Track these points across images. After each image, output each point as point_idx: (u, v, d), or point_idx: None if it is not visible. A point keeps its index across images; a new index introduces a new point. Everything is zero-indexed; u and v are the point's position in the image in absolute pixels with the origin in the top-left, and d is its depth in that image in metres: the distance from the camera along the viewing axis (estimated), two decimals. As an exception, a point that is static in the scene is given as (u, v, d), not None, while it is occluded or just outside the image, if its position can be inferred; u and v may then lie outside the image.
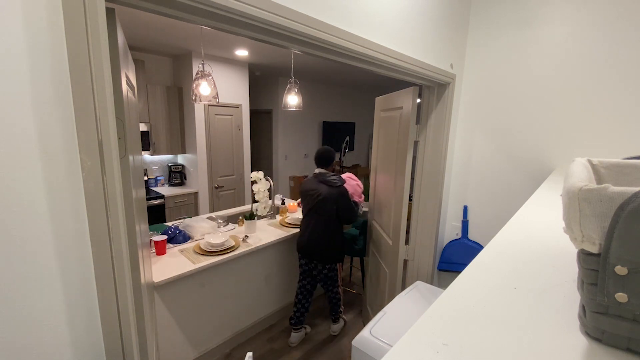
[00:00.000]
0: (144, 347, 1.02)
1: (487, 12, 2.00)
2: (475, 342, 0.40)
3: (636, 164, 0.56)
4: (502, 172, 2.07)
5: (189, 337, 2.13)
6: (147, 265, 1.43)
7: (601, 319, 0.36)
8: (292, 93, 2.95)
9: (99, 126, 0.67)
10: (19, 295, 0.62)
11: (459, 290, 0.52)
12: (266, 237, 2.48)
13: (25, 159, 0.60)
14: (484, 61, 2.06)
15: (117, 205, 0.71)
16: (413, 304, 1.74)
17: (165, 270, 1.90)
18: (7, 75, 0.57)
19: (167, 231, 2.29)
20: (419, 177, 2.24)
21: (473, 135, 2.16)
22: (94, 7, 0.63)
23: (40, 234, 0.63)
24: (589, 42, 1.67)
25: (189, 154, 4.23)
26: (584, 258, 0.37)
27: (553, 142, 1.85)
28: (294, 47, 1.19)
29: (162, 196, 3.80)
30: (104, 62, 0.66)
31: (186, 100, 4.10)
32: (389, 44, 1.43)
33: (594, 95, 1.68)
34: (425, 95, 2.14)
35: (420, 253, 2.30)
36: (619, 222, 0.32)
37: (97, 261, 0.71)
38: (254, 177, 2.54)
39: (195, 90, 2.28)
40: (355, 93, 7.28)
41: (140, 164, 1.33)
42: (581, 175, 0.42)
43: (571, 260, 0.60)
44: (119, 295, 0.75)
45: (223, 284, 2.28)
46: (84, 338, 0.72)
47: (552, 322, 0.43)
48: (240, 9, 0.87)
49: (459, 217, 2.31)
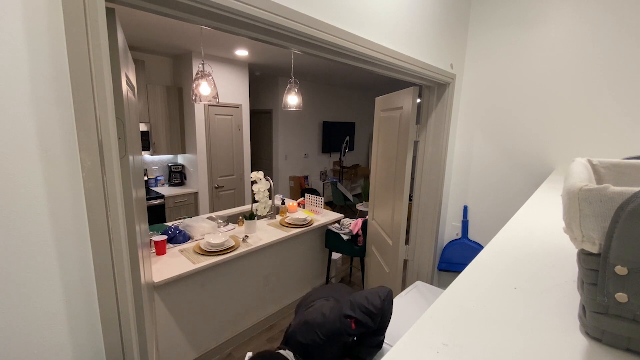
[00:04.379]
0: (144, 347, 1.02)
1: (487, 12, 2.00)
2: (475, 342, 0.40)
3: (636, 164, 0.56)
4: (502, 172, 2.07)
5: (189, 337, 2.13)
6: (147, 265, 1.43)
7: (601, 319, 0.36)
8: (292, 93, 2.95)
9: (99, 126, 0.67)
10: (19, 295, 0.62)
11: (459, 290, 0.52)
12: (266, 237, 2.48)
13: (26, 159, 0.60)
14: (483, 61, 2.06)
15: (117, 205, 0.71)
16: (413, 304, 1.74)
17: (165, 270, 1.90)
18: (7, 75, 0.57)
19: (167, 231, 2.29)
20: (419, 177, 2.24)
21: (473, 135, 2.16)
22: (94, 7, 0.63)
23: (40, 234, 0.63)
24: (589, 42, 1.67)
25: (189, 154, 4.23)
26: (584, 258, 0.37)
27: (553, 142, 1.85)
28: (294, 47, 1.19)
29: (162, 196, 3.80)
30: (104, 62, 0.66)
31: (186, 100, 4.10)
32: (389, 44, 1.43)
33: (594, 95, 1.68)
34: (425, 95, 2.14)
35: (420, 253, 2.30)
36: (619, 222, 0.32)
37: (97, 261, 0.71)
38: (254, 177, 2.54)
39: (195, 90, 2.28)
40: (355, 93, 7.28)
41: (140, 164, 1.33)
42: (581, 175, 0.42)
43: (571, 260, 0.60)
44: (119, 295, 0.75)
45: (223, 284, 2.28)
46: (84, 338, 0.72)
47: (552, 322, 0.43)
48: (240, 9, 0.87)
49: (459, 217, 2.30)
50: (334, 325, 1.21)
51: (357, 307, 1.25)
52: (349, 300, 1.30)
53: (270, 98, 5.71)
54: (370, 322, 1.24)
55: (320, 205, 3.11)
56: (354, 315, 1.22)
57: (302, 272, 2.92)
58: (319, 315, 1.27)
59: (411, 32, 1.57)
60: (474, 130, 2.16)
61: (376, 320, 1.26)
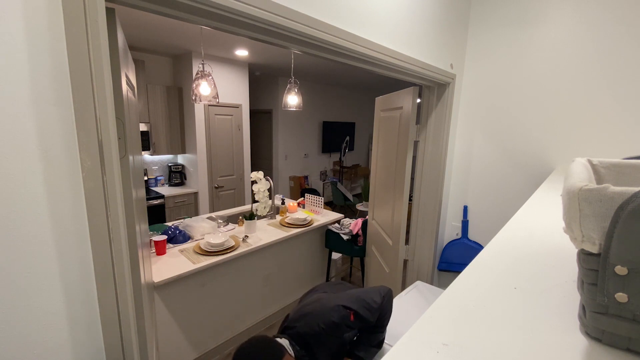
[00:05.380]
0: (144, 346, 1.02)
1: (487, 12, 2.00)
2: (475, 342, 0.40)
3: (636, 164, 0.56)
4: (502, 172, 2.07)
5: (189, 337, 2.13)
6: (147, 265, 1.43)
7: (601, 319, 0.36)
8: (292, 93, 2.94)
9: (99, 126, 0.67)
10: (19, 295, 0.62)
11: (458, 290, 0.52)
12: (266, 237, 2.48)
13: (26, 159, 0.60)
14: (483, 61, 2.06)
15: (117, 205, 0.71)
16: (413, 304, 1.74)
17: (165, 270, 1.90)
18: (8, 75, 0.57)
19: (167, 231, 2.29)
20: (419, 177, 2.24)
21: (473, 135, 2.16)
22: (94, 7, 0.63)
23: (40, 234, 0.63)
24: (589, 42, 1.67)
25: (189, 154, 4.23)
26: (584, 258, 0.37)
27: (553, 142, 1.85)
28: (294, 47, 1.19)
29: (162, 196, 3.80)
30: (104, 62, 0.66)
31: (186, 100, 4.10)
32: (389, 44, 1.43)
33: (594, 95, 1.68)
34: (425, 95, 2.14)
35: (420, 253, 2.30)
36: (619, 222, 0.32)
37: (97, 261, 0.71)
38: (254, 177, 2.54)
39: (195, 90, 2.28)
40: (355, 93, 7.28)
41: (140, 164, 1.33)
42: (581, 175, 0.42)
43: (571, 260, 0.60)
44: (119, 295, 0.75)
45: (223, 284, 2.28)
46: (84, 338, 0.72)
47: (552, 322, 0.43)
48: (240, 9, 0.87)
49: (459, 217, 2.30)
50: (333, 316, 1.21)
51: (357, 301, 1.25)
52: (350, 294, 1.31)
53: (270, 98, 5.71)
54: (369, 316, 1.24)
55: (320, 205, 3.11)
56: (353, 307, 1.23)
57: (302, 272, 2.92)
58: (318, 305, 1.27)
59: (411, 32, 1.57)
60: (474, 130, 2.16)
61: (375, 315, 1.26)
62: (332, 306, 1.24)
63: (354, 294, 1.31)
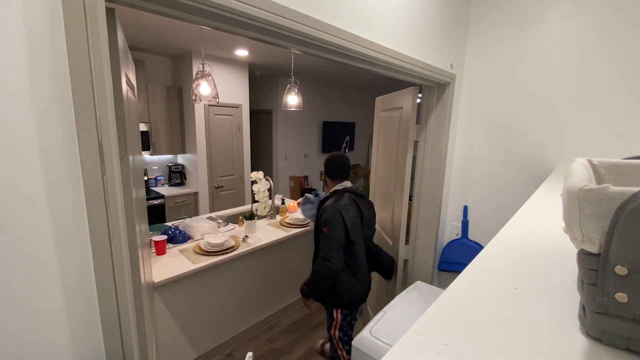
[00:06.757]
0: (144, 347, 1.02)
1: (487, 12, 2.00)
2: (475, 342, 0.40)
3: (636, 164, 0.56)
4: (502, 172, 2.07)
5: (189, 337, 2.13)
6: (147, 265, 1.43)
7: (601, 319, 0.36)
8: (292, 93, 2.94)
9: (99, 126, 0.67)
10: (19, 295, 0.62)
11: (458, 290, 0.52)
12: (266, 237, 2.48)
13: (26, 159, 0.60)
14: (484, 61, 2.05)
15: (117, 205, 0.71)
16: (413, 304, 1.74)
17: (165, 270, 1.90)
18: (8, 75, 0.57)
19: (167, 231, 2.29)
20: (419, 177, 2.24)
21: (473, 135, 2.16)
22: (94, 7, 0.63)
23: (40, 234, 0.63)
24: (589, 42, 1.67)
25: (189, 154, 4.23)
26: (584, 258, 0.37)
27: (553, 142, 1.85)
28: (294, 47, 1.18)
29: (162, 196, 3.80)
30: (104, 62, 0.66)
31: (186, 100, 4.10)
32: (389, 44, 1.43)
33: (594, 95, 1.68)
34: (425, 95, 2.14)
35: (420, 253, 2.30)
36: (619, 222, 0.32)
37: (97, 261, 0.71)
38: (254, 177, 2.54)
39: (195, 90, 2.28)
40: (355, 93, 7.28)
41: (140, 164, 1.33)
42: (581, 175, 0.42)
43: (571, 260, 0.60)
44: (119, 295, 0.75)
45: (223, 284, 2.28)
46: (84, 338, 0.72)
47: (552, 322, 0.43)
48: (240, 9, 0.87)
49: (459, 217, 2.30)
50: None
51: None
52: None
53: (270, 98, 5.71)
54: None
55: (320, 205, 3.10)
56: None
57: (302, 272, 2.92)
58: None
59: (411, 32, 1.57)
60: (474, 130, 2.16)
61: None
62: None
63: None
